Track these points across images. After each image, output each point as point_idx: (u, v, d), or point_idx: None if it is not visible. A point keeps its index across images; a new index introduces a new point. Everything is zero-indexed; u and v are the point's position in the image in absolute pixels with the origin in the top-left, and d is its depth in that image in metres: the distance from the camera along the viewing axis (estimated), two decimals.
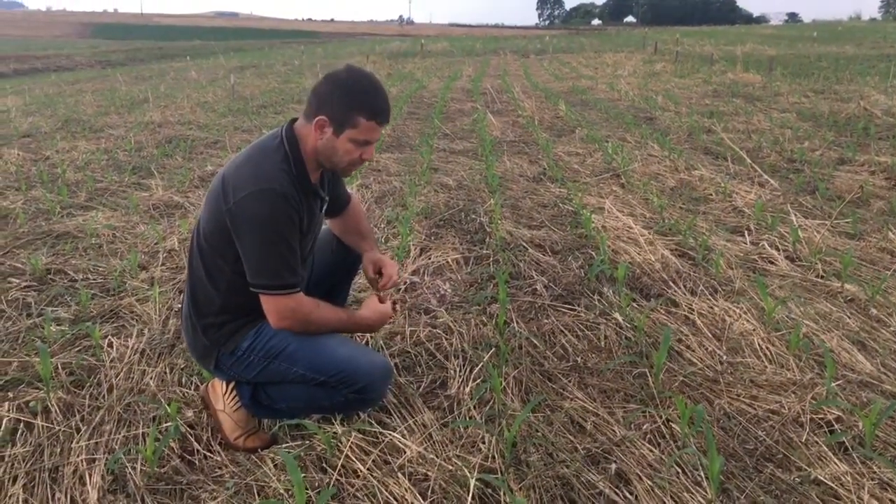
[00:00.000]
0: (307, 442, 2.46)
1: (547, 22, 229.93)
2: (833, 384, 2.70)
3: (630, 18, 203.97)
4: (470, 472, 2.22)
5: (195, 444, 2.47)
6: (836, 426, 2.51)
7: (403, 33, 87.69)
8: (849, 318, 3.38)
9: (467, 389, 2.79)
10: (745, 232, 4.71)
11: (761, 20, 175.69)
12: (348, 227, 2.79)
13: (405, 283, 3.89)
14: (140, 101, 12.88)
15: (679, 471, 2.28)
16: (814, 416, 2.56)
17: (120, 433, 2.54)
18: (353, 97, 2.20)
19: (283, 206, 2.15)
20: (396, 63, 25.49)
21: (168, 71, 23.31)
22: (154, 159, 7.37)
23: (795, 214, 4.89)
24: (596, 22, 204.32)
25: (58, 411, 2.65)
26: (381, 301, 2.54)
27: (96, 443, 2.48)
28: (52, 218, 5.19)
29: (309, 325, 2.29)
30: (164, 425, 2.56)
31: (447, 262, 4.23)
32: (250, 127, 9.76)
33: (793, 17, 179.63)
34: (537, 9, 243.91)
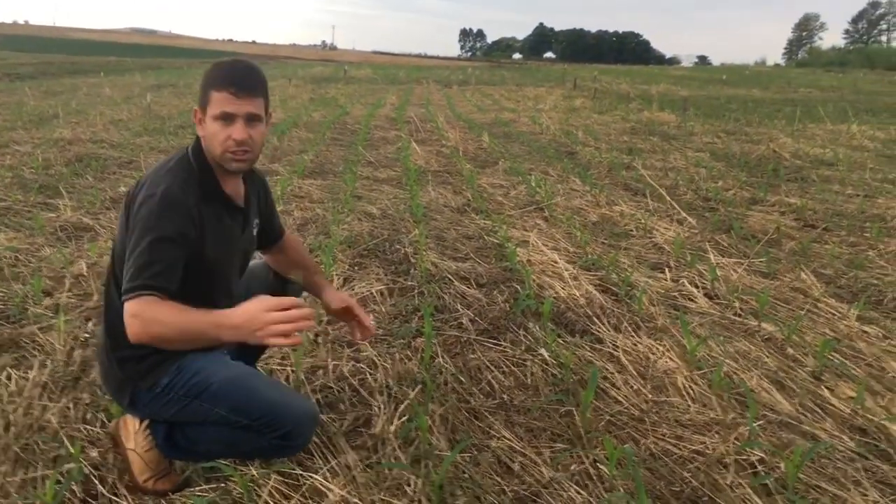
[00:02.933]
0: (223, 485, 2.32)
1: (469, 54, 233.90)
2: (755, 424, 2.73)
3: (549, 54, 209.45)
4: None
5: (100, 486, 2.30)
6: (760, 468, 2.53)
7: (326, 58, 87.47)
8: (767, 357, 3.45)
9: (392, 428, 2.70)
10: (666, 268, 4.79)
11: (673, 61, 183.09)
12: (291, 260, 2.66)
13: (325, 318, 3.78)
14: (49, 117, 12.35)
15: None
16: (738, 458, 2.57)
17: (17, 475, 2.34)
18: (208, 76, 2.13)
19: (166, 207, 2.02)
20: (319, 88, 25.32)
21: (80, 86, 22.48)
22: (63, 178, 7.03)
23: (713, 252, 5.01)
24: (517, 56, 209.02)
25: None
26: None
27: None
28: None
29: (148, 327, 1.94)
30: (66, 466, 2.37)
31: (371, 293, 4.14)
32: (167, 147, 9.46)
33: (702, 59, 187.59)
34: (459, 40, 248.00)
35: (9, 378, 2.96)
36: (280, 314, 1.86)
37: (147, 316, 1.93)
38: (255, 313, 1.88)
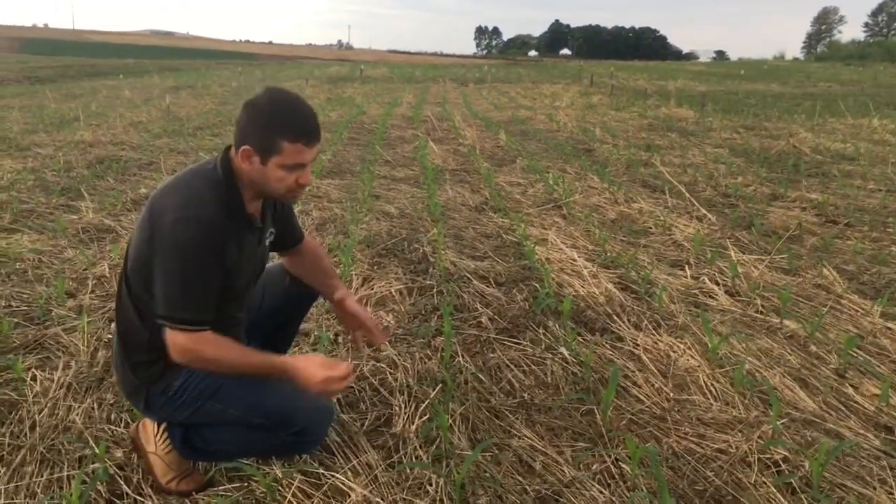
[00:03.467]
0: (246, 485, 2.33)
1: (485, 52, 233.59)
2: (778, 422, 2.71)
3: (565, 51, 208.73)
4: None
5: (125, 486, 2.33)
6: (784, 466, 2.51)
7: (342, 58, 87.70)
8: (789, 354, 3.42)
9: (413, 427, 2.71)
10: (686, 266, 4.76)
11: (690, 57, 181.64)
12: (307, 265, 2.63)
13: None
14: (70, 120, 12.47)
15: None
16: (761, 456, 2.55)
17: (43, 475, 2.37)
18: (273, 122, 2.05)
19: (204, 235, 2.01)
20: (336, 87, 25.39)
21: (100, 89, 22.71)
22: (84, 180, 7.10)
23: (733, 249, 4.97)
24: (532, 53, 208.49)
25: None
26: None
27: (17, 486, 2.31)
28: None
29: (206, 364, 2.11)
30: (92, 467, 2.40)
31: (390, 292, 4.15)
32: (186, 149, 9.53)
33: (720, 54, 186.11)
34: (475, 38, 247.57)
35: (34, 379, 2.99)
36: (338, 377, 2.12)
37: (205, 355, 2.08)
38: (315, 373, 2.10)
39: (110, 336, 3.40)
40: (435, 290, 4.21)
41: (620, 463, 2.51)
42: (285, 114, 2.06)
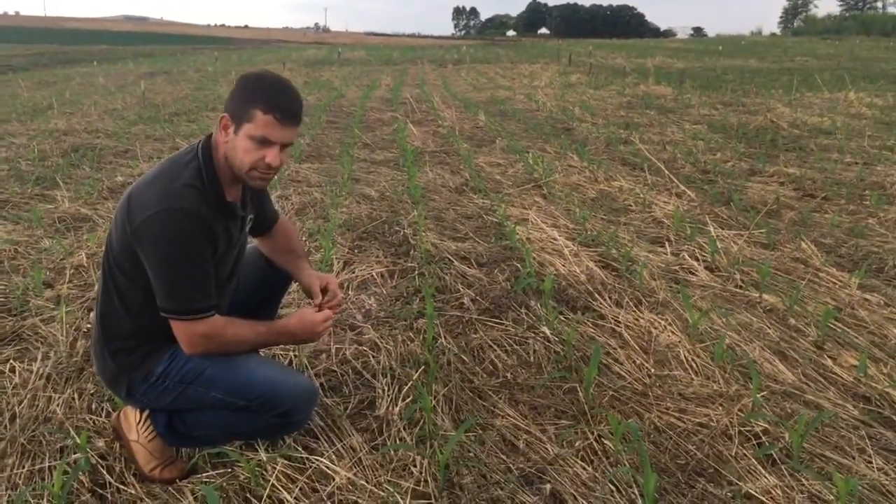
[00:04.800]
0: (230, 470, 2.32)
1: (462, 32, 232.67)
2: (758, 395, 2.73)
3: (544, 30, 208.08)
4: (402, 498, 2.16)
5: (107, 476, 2.31)
6: (764, 438, 2.54)
7: (320, 41, 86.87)
8: (769, 328, 3.45)
9: (396, 409, 2.71)
10: (666, 242, 4.78)
11: (668, 34, 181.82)
12: (278, 246, 2.64)
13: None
14: (44, 108, 12.30)
15: (613, 489, 2.26)
16: (742, 429, 2.58)
17: (24, 467, 2.35)
18: (252, 90, 2.08)
19: (190, 226, 2.01)
20: (313, 71, 25.19)
21: (74, 76, 22.38)
22: (59, 169, 7.00)
23: (713, 225, 4.99)
24: (511, 33, 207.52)
25: None
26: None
27: None
28: None
29: (225, 347, 2.17)
30: (73, 457, 2.39)
31: (372, 275, 4.14)
32: (162, 135, 9.43)
33: (698, 31, 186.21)
34: (453, 19, 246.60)
35: (13, 370, 2.96)
36: (327, 318, 2.35)
37: (225, 338, 2.16)
38: (310, 324, 2.30)
39: (89, 325, 3.37)
40: (416, 272, 4.20)
41: (603, 439, 2.53)
42: (267, 86, 2.10)
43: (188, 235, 2.02)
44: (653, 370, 3.04)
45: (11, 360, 3.04)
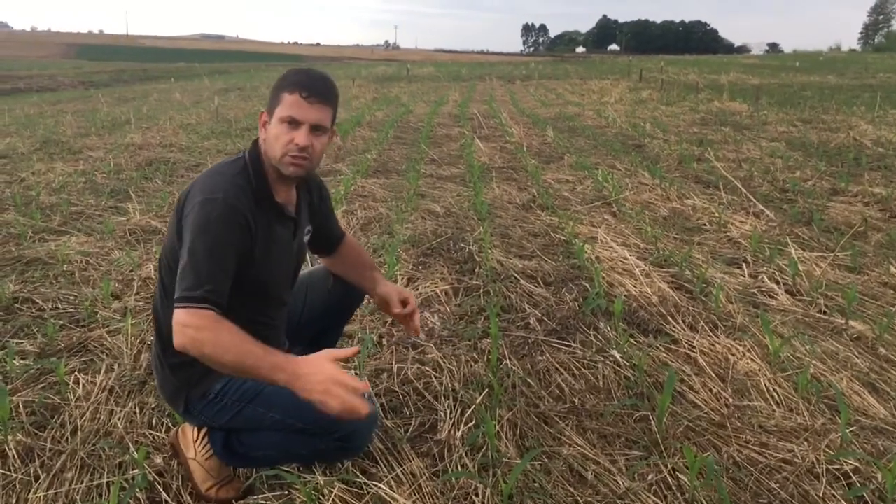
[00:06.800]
0: (286, 493, 2.26)
1: (531, 49, 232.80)
2: (847, 430, 2.54)
3: (614, 46, 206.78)
4: None
5: (164, 493, 2.27)
6: (854, 478, 2.35)
7: (389, 58, 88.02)
8: (857, 357, 3.24)
9: (458, 434, 2.61)
10: (743, 264, 4.57)
11: (742, 50, 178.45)
12: (348, 262, 2.60)
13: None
14: (122, 123, 12.68)
15: None
16: (829, 467, 2.39)
17: (83, 482, 2.33)
18: (281, 80, 2.11)
19: (222, 212, 1.97)
20: (382, 87, 25.43)
21: (152, 92, 23.12)
22: (133, 182, 7.16)
23: (793, 247, 4.76)
24: (580, 49, 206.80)
25: (16, 456, 2.44)
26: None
27: (56, 493, 2.27)
28: (22, 243, 4.97)
29: (200, 346, 1.88)
30: (131, 473, 2.36)
31: (436, 292, 4.06)
32: (233, 150, 9.57)
33: (773, 47, 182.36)
34: (522, 36, 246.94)
35: (77, 382, 2.97)
36: (348, 384, 1.83)
37: (204, 335, 1.88)
38: (324, 374, 1.84)
39: (153, 339, 3.37)
40: (481, 290, 4.10)
41: (677, 473, 2.37)
42: (293, 73, 2.13)
43: (214, 220, 1.97)
44: (731, 400, 2.87)
45: (76, 372, 3.05)
